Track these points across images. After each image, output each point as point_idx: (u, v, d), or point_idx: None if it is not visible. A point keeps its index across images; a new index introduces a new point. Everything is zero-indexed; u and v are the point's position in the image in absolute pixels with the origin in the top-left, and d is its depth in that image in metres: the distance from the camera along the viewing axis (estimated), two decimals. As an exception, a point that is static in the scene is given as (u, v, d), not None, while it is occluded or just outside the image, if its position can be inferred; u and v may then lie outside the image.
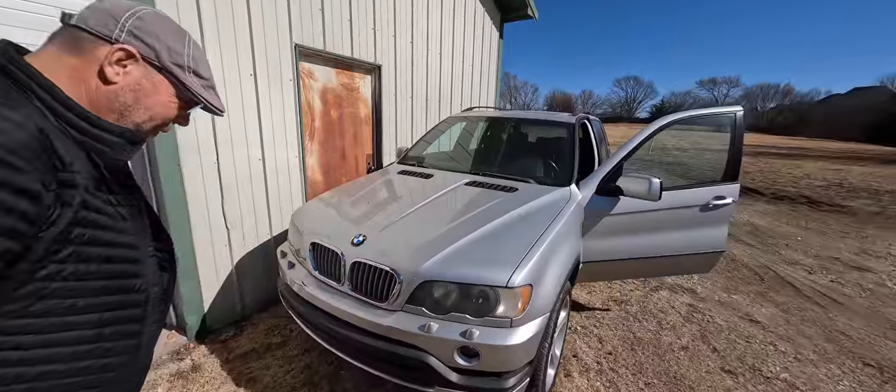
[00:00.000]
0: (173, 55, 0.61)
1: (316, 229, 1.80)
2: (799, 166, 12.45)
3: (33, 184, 0.45)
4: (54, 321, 0.50)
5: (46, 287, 0.49)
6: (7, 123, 0.44)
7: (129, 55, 0.57)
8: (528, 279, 1.40)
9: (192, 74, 0.64)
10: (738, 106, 2.22)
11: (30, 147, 0.45)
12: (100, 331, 0.55)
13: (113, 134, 0.57)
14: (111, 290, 0.56)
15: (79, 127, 0.53)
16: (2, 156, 0.42)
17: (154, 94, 0.61)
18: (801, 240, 4.77)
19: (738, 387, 2.01)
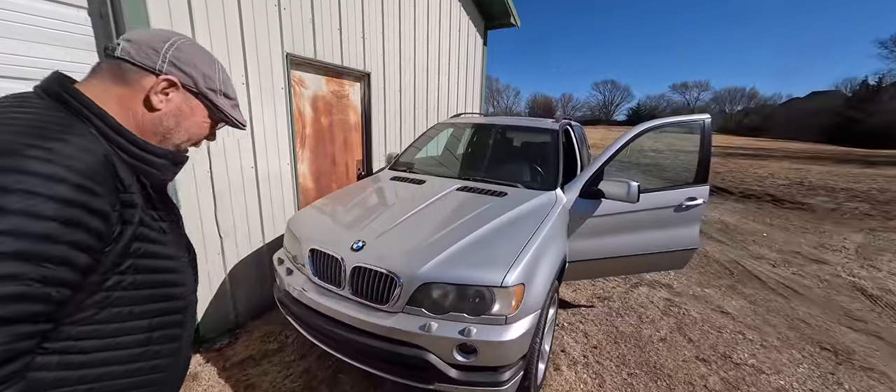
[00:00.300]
0: (208, 81, 0.67)
1: (314, 236, 1.84)
2: (764, 166, 13.21)
3: (104, 205, 0.51)
4: (115, 327, 0.56)
5: (109, 296, 0.55)
6: (80, 151, 0.49)
7: (172, 84, 0.63)
8: (521, 279, 1.50)
9: (223, 97, 0.71)
10: (707, 114, 2.41)
11: (100, 172, 0.51)
12: (149, 335, 0.61)
13: (159, 156, 0.63)
14: (158, 297, 0.62)
15: (129, 151, 0.59)
16: (79, 181, 0.48)
17: (191, 117, 0.68)
18: (766, 236, 5.11)
19: (711, 373, 2.18)
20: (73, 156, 0.48)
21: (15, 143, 0.46)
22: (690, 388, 2.05)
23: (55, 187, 0.45)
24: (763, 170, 12.18)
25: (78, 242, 0.48)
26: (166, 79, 0.62)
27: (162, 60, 0.62)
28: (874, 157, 17.68)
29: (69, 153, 0.48)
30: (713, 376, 2.15)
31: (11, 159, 0.44)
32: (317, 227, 1.95)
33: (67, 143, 0.49)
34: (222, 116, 0.72)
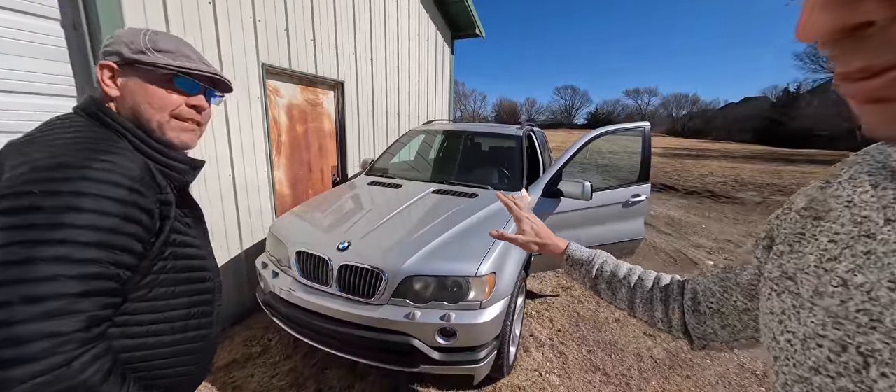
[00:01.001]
0: (132, 46, 0.66)
1: (299, 239, 1.94)
2: (705, 165, 14.62)
3: (150, 204, 0.63)
4: (162, 304, 0.68)
5: (157, 278, 0.67)
6: (129, 161, 0.62)
7: (109, 69, 0.67)
8: (492, 269, 1.71)
9: (156, 52, 0.67)
10: (646, 122, 2.78)
11: (144, 177, 0.63)
12: (188, 310, 0.73)
13: (179, 161, 0.74)
14: (193, 279, 0.74)
15: (157, 159, 0.70)
16: (132, 185, 0.60)
17: (144, 90, 0.68)
18: (705, 227, 5.77)
19: (656, 345, 2.52)
20: (125, 165, 0.60)
21: (82, 157, 0.57)
22: (639, 358, 2.37)
23: (116, 191, 0.57)
24: (704, 169, 13.48)
25: (134, 234, 0.60)
26: (101, 65, 0.66)
27: (101, 56, 0.68)
28: (794, 156, 20.09)
29: (122, 163, 0.60)
30: (657, 347, 2.49)
31: (82, 170, 0.56)
32: (301, 231, 2.05)
33: (119, 155, 0.61)
34: (171, 72, 0.68)
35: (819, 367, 0.33)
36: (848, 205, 0.36)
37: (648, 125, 2.76)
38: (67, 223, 0.53)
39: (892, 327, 0.28)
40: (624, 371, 2.25)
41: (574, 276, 0.75)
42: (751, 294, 0.49)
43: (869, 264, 0.31)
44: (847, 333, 0.31)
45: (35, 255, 0.50)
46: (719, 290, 0.53)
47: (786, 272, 0.40)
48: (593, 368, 2.27)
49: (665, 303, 0.61)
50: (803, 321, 0.35)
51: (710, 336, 0.55)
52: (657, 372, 2.26)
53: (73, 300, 0.52)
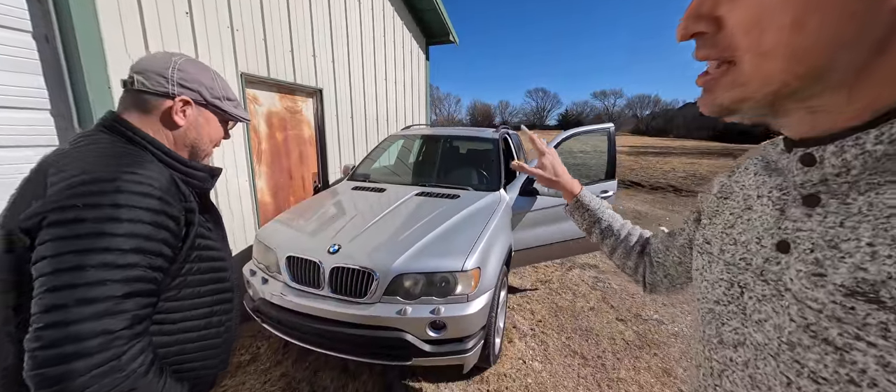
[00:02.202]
0: (212, 91, 0.80)
1: (288, 245, 1.98)
2: (668, 162, 15.55)
3: (177, 212, 0.70)
4: (190, 303, 0.75)
5: (185, 280, 0.73)
6: (156, 173, 0.68)
7: (186, 103, 0.76)
8: (477, 263, 1.84)
9: (227, 101, 0.84)
10: (611, 124, 3.02)
11: (171, 188, 0.70)
12: (212, 308, 0.80)
13: (200, 170, 0.81)
14: (215, 280, 0.81)
15: (179, 169, 0.76)
16: (161, 195, 0.67)
17: (207, 125, 0.82)
18: (669, 219, 6.19)
19: (627, 329, 2.73)
20: (154, 177, 0.66)
21: (114, 171, 0.63)
22: (613, 342, 2.57)
23: (148, 201, 0.64)
24: (667, 165, 14.34)
25: (165, 240, 0.66)
26: (181, 99, 0.75)
27: (171, 84, 0.74)
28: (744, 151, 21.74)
29: (150, 175, 0.66)
30: (628, 331, 2.71)
31: (116, 183, 0.62)
32: (290, 237, 2.08)
33: (147, 169, 0.67)
34: (230, 117, 0.85)
35: (719, 300, 0.45)
36: (741, 188, 0.49)
37: (613, 127, 2.99)
38: (108, 232, 0.59)
39: (756, 267, 0.41)
40: (599, 353, 2.44)
41: (574, 217, 0.85)
42: (683, 252, 0.64)
43: (747, 227, 0.44)
44: (733, 275, 0.44)
45: (84, 262, 0.56)
46: (663, 248, 0.69)
47: (706, 238, 0.52)
48: (572, 353, 2.44)
49: (639, 256, 0.76)
50: (712, 271, 0.48)
51: (657, 282, 0.72)
52: (629, 352, 2.46)
53: (119, 301, 0.59)
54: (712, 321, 0.46)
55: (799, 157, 0.37)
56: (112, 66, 1.84)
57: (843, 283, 0.32)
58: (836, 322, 0.32)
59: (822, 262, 0.34)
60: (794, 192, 0.39)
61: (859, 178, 0.33)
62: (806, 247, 0.36)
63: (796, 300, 0.35)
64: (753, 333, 0.40)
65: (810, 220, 0.36)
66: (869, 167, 0.32)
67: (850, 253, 0.32)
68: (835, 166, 0.34)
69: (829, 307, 0.33)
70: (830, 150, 0.34)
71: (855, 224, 0.33)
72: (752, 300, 0.40)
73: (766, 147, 0.50)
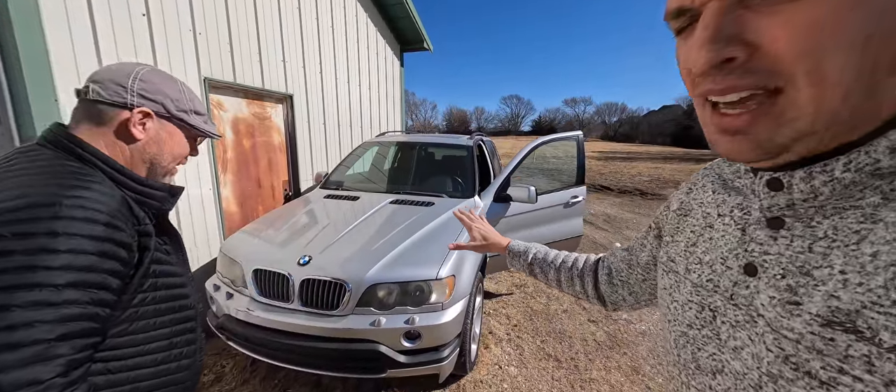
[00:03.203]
0: (177, 104, 0.73)
1: (256, 257, 1.90)
2: (634, 167, 16.32)
3: (127, 238, 0.63)
4: (144, 336, 0.68)
5: (137, 311, 0.66)
6: (103, 195, 0.61)
7: (146, 115, 0.69)
8: (451, 271, 1.84)
9: (194, 114, 0.77)
10: (580, 132, 3.13)
11: (121, 211, 0.63)
12: (171, 340, 0.73)
13: (158, 190, 0.74)
14: (175, 308, 0.74)
15: (134, 188, 0.69)
16: (108, 220, 0.60)
17: (170, 140, 0.75)
18: (636, 222, 6.48)
19: (598, 329, 2.82)
20: (99, 200, 0.60)
21: (52, 194, 0.56)
22: (585, 343, 2.64)
23: (92, 228, 0.57)
24: (634, 170, 15.04)
25: (112, 270, 0.59)
26: (140, 111, 0.68)
27: (130, 94, 0.68)
28: (704, 157, 23.21)
29: (96, 198, 0.59)
30: (599, 332, 2.79)
31: (54, 209, 0.55)
32: (257, 249, 2.00)
33: (92, 190, 0.60)
34: (198, 132, 0.79)
35: (691, 324, 0.44)
36: (700, 205, 0.48)
37: (581, 134, 3.11)
38: (41, 265, 0.52)
39: (724, 289, 0.40)
40: (572, 355, 2.50)
41: (515, 265, 0.88)
42: (647, 270, 0.63)
43: (711, 247, 0.43)
44: (702, 297, 0.42)
45: (10, 302, 0.49)
46: (625, 267, 0.68)
47: (670, 257, 0.50)
48: (546, 356, 2.49)
49: (582, 279, 0.76)
50: (681, 292, 0.46)
51: (620, 301, 0.71)
52: (600, 353, 2.54)
53: (51, 345, 0.52)
54: (687, 345, 0.45)
55: (766, 180, 0.36)
56: (58, 73, 1.70)
57: (818, 312, 0.31)
58: (817, 354, 0.31)
59: (795, 289, 0.33)
60: (756, 214, 0.38)
61: (826, 203, 0.32)
62: (776, 272, 0.35)
63: (771, 328, 0.34)
64: (731, 361, 0.39)
65: (776, 244, 0.36)
66: (836, 193, 0.32)
67: (824, 281, 0.31)
68: (803, 192, 0.33)
69: (808, 338, 0.31)
70: (799, 175, 0.33)
71: (825, 249, 0.32)
72: (726, 325, 0.40)
73: (719, 164, 0.50)
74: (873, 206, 0.30)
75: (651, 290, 0.65)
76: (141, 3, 2.08)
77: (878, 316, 0.28)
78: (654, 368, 2.39)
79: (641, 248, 0.64)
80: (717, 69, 0.30)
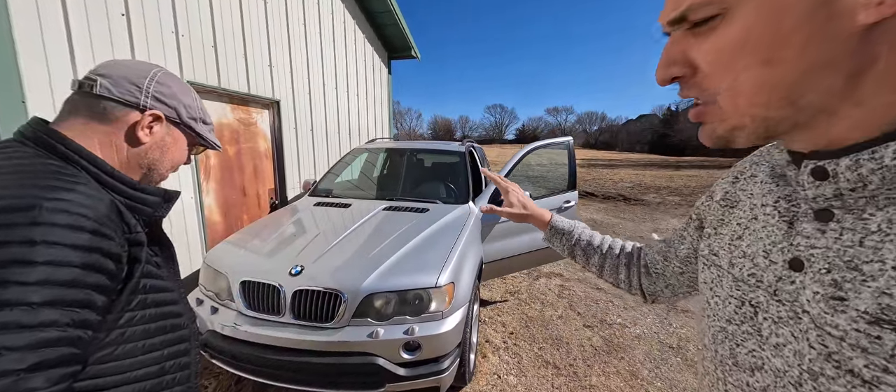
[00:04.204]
0: (189, 111, 0.70)
1: (243, 268, 1.80)
2: (616, 174, 16.74)
3: (117, 248, 0.55)
4: (131, 361, 0.59)
5: (125, 332, 0.58)
6: (90, 199, 0.53)
7: (156, 118, 0.65)
8: (451, 278, 1.79)
9: (202, 123, 0.73)
10: (570, 137, 3.17)
11: (110, 217, 0.55)
12: (162, 365, 0.64)
13: (152, 195, 0.66)
14: (167, 328, 0.66)
15: (124, 193, 0.62)
16: (95, 227, 0.52)
17: (174, 146, 0.70)
18: (621, 226, 6.59)
19: (594, 334, 2.81)
20: (86, 204, 0.52)
21: (31, 197, 0.48)
22: (582, 349, 2.62)
23: (75, 236, 0.49)
24: (616, 176, 15.41)
25: (97, 285, 0.51)
26: (152, 114, 0.64)
27: (145, 96, 0.63)
28: (681, 163, 24.08)
29: (82, 202, 0.51)
30: (595, 336, 2.78)
31: (32, 213, 0.47)
32: (244, 260, 1.89)
33: (78, 193, 0.52)
34: (202, 142, 0.75)
35: (731, 319, 0.43)
36: (748, 196, 0.46)
37: (571, 140, 3.14)
38: (14, 280, 0.44)
39: (768, 285, 0.39)
40: (570, 361, 2.47)
41: (554, 244, 0.82)
42: (686, 263, 0.61)
43: (754, 239, 0.42)
44: (743, 292, 0.41)
45: None
46: (662, 259, 0.66)
47: (712, 250, 0.49)
48: (545, 364, 2.45)
49: (628, 267, 0.73)
50: (723, 286, 0.45)
51: (658, 292, 0.69)
52: (597, 358, 2.52)
53: (22, 377, 0.44)
54: (725, 341, 0.43)
55: (810, 169, 0.34)
56: (27, 74, 1.58)
57: (866, 309, 0.30)
58: (861, 352, 0.30)
59: (842, 284, 0.32)
60: (804, 206, 0.37)
61: (877, 192, 0.31)
62: (822, 266, 0.34)
63: (815, 325, 0.33)
64: (771, 358, 0.38)
65: (824, 237, 0.34)
66: (887, 182, 0.30)
67: (874, 276, 0.30)
68: (850, 181, 0.32)
69: (852, 335, 0.30)
70: (845, 163, 0.31)
71: (876, 244, 0.30)
72: (768, 322, 0.38)
73: (770, 151, 0.48)
74: None
75: (689, 282, 0.64)
76: (120, 3, 1.97)
77: None
78: (651, 372, 2.38)
79: (680, 240, 0.62)
80: (679, 81, 0.37)
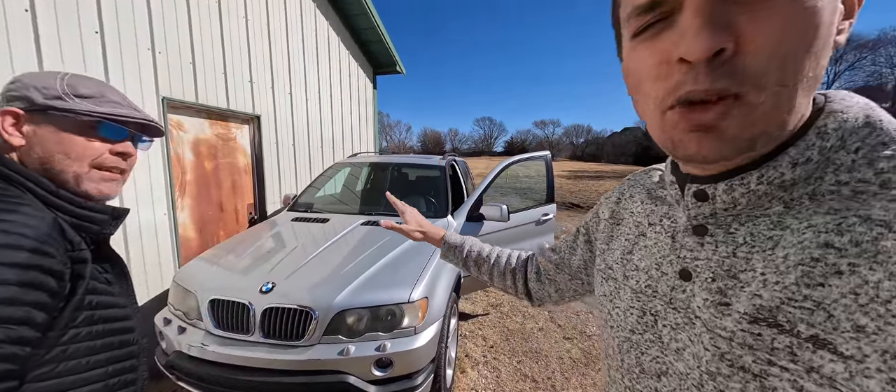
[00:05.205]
0: (45, 91, 0.61)
1: (213, 286, 1.77)
2: (601, 185, 17.05)
3: (58, 265, 0.56)
4: (75, 378, 0.59)
5: (67, 350, 0.58)
6: (31, 219, 0.55)
7: (13, 116, 0.60)
8: (424, 293, 1.79)
9: (76, 98, 0.62)
10: (547, 151, 3.25)
11: (51, 236, 0.56)
12: (106, 382, 0.64)
13: (99, 212, 0.66)
14: (113, 345, 0.65)
15: (70, 211, 0.62)
16: (35, 246, 0.53)
17: (60, 140, 0.62)
18: (605, 238, 6.70)
19: (574, 346, 2.83)
20: (26, 224, 0.53)
21: None
22: (561, 361, 2.63)
23: (14, 255, 0.50)
24: (601, 188, 15.70)
25: (36, 302, 0.52)
26: (7, 112, 0.59)
27: (2, 101, 0.62)
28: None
29: (23, 222, 0.53)
30: (574, 348, 2.80)
31: None
32: (214, 277, 1.86)
33: (19, 214, 0.54)
34: (91, 119, 0.63)
35: (634, 328, 0.45)
36: (631, 214, 0.51)
37: (549, 154, 3.22)
38: None
39: (663, 294, 0.42)
40: (549, 374, 2.48)
41: (449, 258, 0.87)
42: (577, 274, 0.67)
43: (646, 254, 0.46)
44: (643, 303, 0.44)
45: None
46: (553, 267, 0.71)
47: (607, 264, 0.53)
48: (523, 377, 2.45)
49: (513, 275, 0.79)
50: (622, 298, 0.48)
51: (546, 297, 0.74)
52: (576, 370, 2.54)
53: None
54: (631, 350, 0.46)
55: (693, 192, 0.38)
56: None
57: (746, 310, 0.33)
58: (748, 349, 0.33)
59: (725, 290, 0.36)
60: (683, 222, 0.41)
61: (741, 211, 0.36)
62: (707, 275, 0.37)
63: (707, 329, 0.36)
64: (674, 362, 0.40)
65: (704, 249, 0.38)
66: (751, 203, 0.35)
67: (748, 282, 0.34)
68: (724, 202, 0.36)
69: (739, 335, 0.34)
70: (722, 187, 0.36)
71: (746, 254, 0.35)
72: (667, 328, 0.41)
73: (641, 177, 0.54)
74: (778, 214, 0.34)
75: (576, 288, 0.69)
76: (94, 21, 1.98)
77: (794, 310, 0.31)
78: (627, 383, 2.41)
79: (571, 251, 0.68)
80: (706, 64, 0.29)
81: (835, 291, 0.29)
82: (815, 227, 0.31)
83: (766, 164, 0.33)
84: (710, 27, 0.28)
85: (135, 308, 0.75)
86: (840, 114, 0.33)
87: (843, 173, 0.32)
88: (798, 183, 0.33)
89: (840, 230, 0.30)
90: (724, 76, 0.29)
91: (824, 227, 0.31)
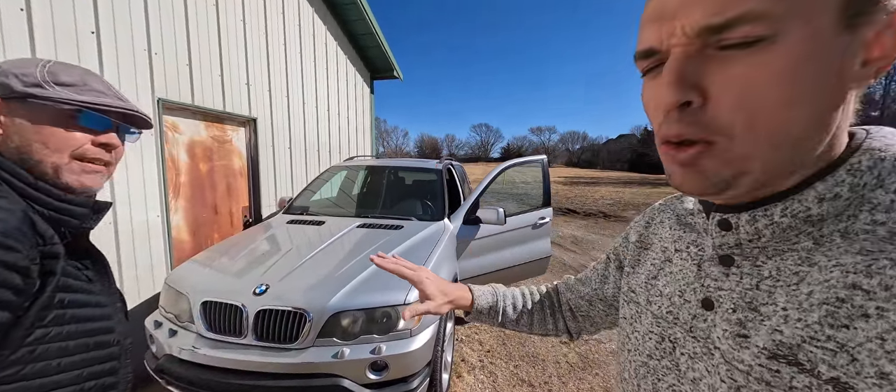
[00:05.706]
0: (24, 78, 0.58)
1: (205, 288, 1.75)
2: (597, 191, 17.14)
3: (23, 261, 0.53)
4: (44, 381, 0.56)
5: (35, 350, 0.55)
6: (1, 211, 0.52)
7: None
8: (420, 295, 1.78)
9: (56, 86, 0.59)
10: (544, 155, 3.26)
11: (19, 229, 0.53)
12: (81, 385, 0.61)
13: (79, 206, 0.63)
14: (90, 346, 0.62)
15: (47, 204, 0.59)
16: (0, 240, 0.50)
17: (38, 130, 0.59)
18: (602, 243, 6.72)
19: (570, 351, 2.81)
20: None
21: None
22: (557, 365, 2.61)
23: None
24: (597, 194, 15.78)
25: (1, 300, 0.49)
26: None
27: None
28: (659, 181, 24.89)
29: None
30: (571, 353, 2.79)
31: None
32: (207, 280, 1.84)
33: None
34: (71, 107, 0.60)
35: (652, 354, 0.45)
36: (659, 240, 0.51)
37: (545, 158, 3.24)
38: None
39: (683, 322, 0.42)
40: (546, 379, 2.46)
41: (481, 321, 0.77)
42: (612, 304, 0.64)
43: (670, 280, 0.46)
44: (663, 329, 0.44)
45: None
46: (586, 303, 0.68)
47: (631, 287, 0.52)
48: (520, 381, 2.43)
49: (553, 316, 0.74)
50: (642, 322, 0.48)
51: (583, 330, 0.72)
52: (573, 374, 2.52)
53: None
54: (647, 376, 0.46)
55: (717, 221, 0.38)
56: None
57: (765, 345, 0.33)
58: (765, 385, 0.32)
59: (745, 323, 0.35)
60: (709, 251, 0.41)
61: (767, 244, 0.35)
62: (728, 306, 0.37)
63: (725, 360, 0.36)
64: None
65: (728, 280, 0.38)
66: (776, 236, 0.35)
67: (769, 316, 0.33)
68: (748, 233, 0.36)
69: (756, 369, 0.33)
70: (745, 218, 0.36)
71: (769, 287, 0.34)
72: (685, 357, 0.41)
73: (673, 202, 0.54)
74: (807, 250, 0.33)
75: (613, 319, 0.66)
76: (91, 22, 1.97)
77: (816, 350, 0.30)
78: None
79: (602, 280, 0.66)
80: (677, 112, 0.32)
81: (860, 335, 0.28)
82: (844, 267, 0.30)
83: (792, 197, 0.33)
84: (678, 82, 0.31)
85: (117, 307, 0.72)
86: (878, 152, 0.33)
87: (879, 213, 0.31)
88: (828, 219, 0.33)
89: (869, 272, 0.29)
90: (693, 124, 0.32)
91: (853, 268, 0.30)
